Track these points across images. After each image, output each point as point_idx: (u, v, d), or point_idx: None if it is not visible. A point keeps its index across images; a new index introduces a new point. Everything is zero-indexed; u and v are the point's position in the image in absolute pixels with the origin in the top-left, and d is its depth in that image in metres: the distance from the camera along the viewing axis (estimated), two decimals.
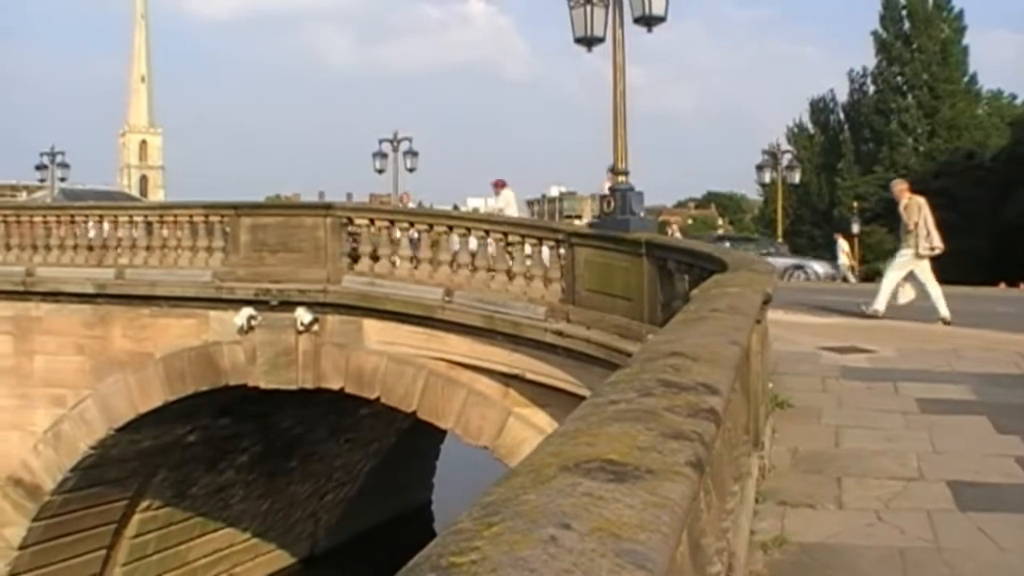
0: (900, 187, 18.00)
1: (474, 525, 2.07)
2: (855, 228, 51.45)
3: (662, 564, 1.96)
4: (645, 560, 1.91)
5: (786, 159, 42.40)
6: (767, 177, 42.76)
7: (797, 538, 5.94)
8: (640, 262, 12.92)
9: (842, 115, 66.83)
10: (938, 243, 16.87)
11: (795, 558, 5.69)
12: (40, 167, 48.66)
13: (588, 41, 14.79)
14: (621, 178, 14.62)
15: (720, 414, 3.34)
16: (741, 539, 5.31)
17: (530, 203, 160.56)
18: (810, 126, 68.32)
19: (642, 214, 15.43)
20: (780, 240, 40.83)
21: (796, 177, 42.65)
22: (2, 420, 18.40)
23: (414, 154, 41.37)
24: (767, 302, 7.93)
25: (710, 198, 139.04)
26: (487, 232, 15.44)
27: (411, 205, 25.87)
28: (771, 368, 10.01)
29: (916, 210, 17.19)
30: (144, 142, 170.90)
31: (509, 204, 24.23)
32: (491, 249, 15.46)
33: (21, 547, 18.07)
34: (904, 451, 7.98)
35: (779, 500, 6.68)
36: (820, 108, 67.99)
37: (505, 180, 24.87)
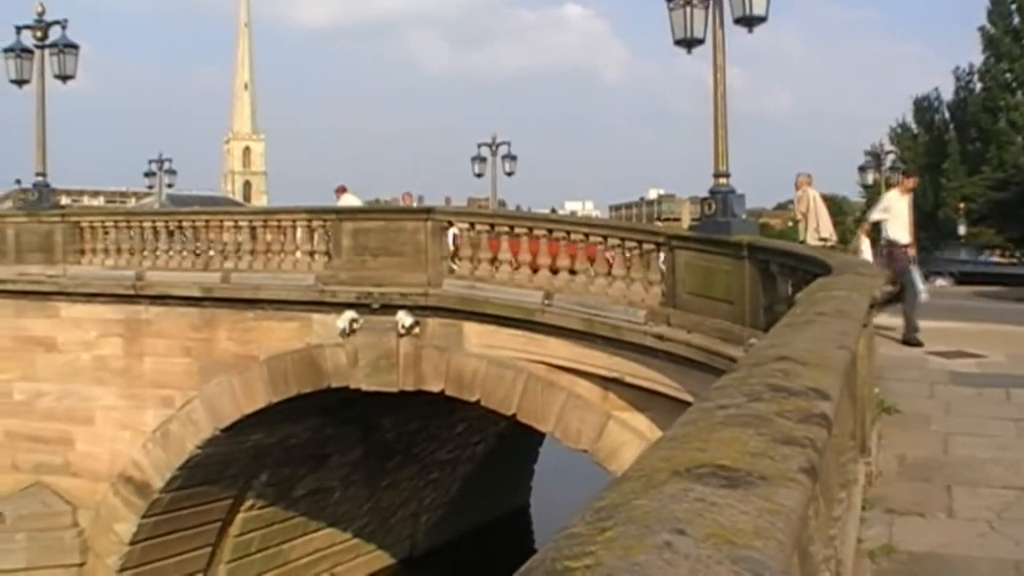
0: (800, 179, 19.04)
1: (587, 530, 2.07)
2: (961, 230, 50.21)
3: (779, 572, 1.93)
4: (762, 568, 1.88)
5: (889, 160, 41.61)
6: (870, 178, 42.01)
7: (906, 547, 5.82)
8: (742, 265, 12.79)
9: (947, 114, 65.16)
10: (826, 233, 17.66)
11: (904, 568, 5.58)
12: (148, 174, 49.85)
13: (688, 43, 14.66)
14: (722, 180, 14.48)
15: (831, 420, 3.29)
16: (848, 547, 5.22)
17: (628, 206, 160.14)
18: (914, 126, 66.77)
19: (743, 216, 15.27)
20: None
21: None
22: (114, 419, 18.87)
23: (512, 158, 41.47)
24: (874, 306, 7.80)
25: None
26: (587, 235, 15.41)
27: (348, 198, 26.57)
28: (877, 373, 9.83)
29: (805, 202, 18.37)
30: (247, 148, 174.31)
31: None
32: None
33: (132, 542, 18.52)
34: (1017, 460, 7.77)
35: (886, 508, 6.56)
36: (924, 107, 66.39)
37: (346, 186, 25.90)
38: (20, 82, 21.36)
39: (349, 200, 26.27)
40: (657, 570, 1.82)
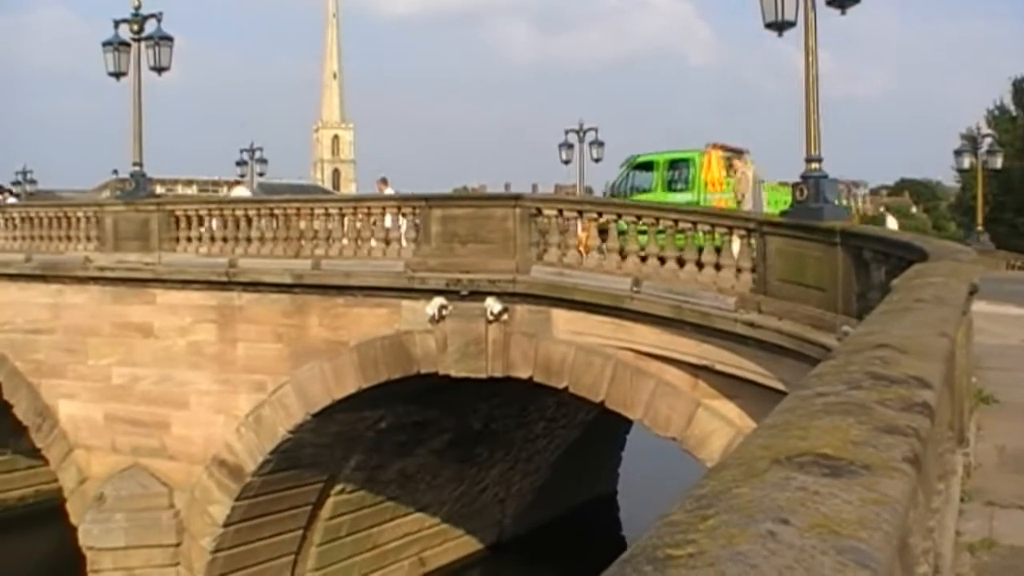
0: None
1: (687, 518, 2.06)
2: None
3: (886, 564, 1.90)
4: (868, 559, 1.85)
5: (986, 143, 40.55)
6: (966, 162, 40.98)
7: (1008, 541, 5.68)
8: (834, 251, 12.61)
9: None
10: (748, 206, 19.05)
11: (1006, 562, 5.44)
12: (240, 163, 50.56)
13: (779, 26, 14.45)
14: (814, 165, 14.27)
15: (934, 408, 3.22)
16: (947, 540, 5.12)
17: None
18: (1012, 108, 65.05)
19: (835, 202, 15.04)
20: (979, 229, 39.09)
21: (998, 162, 40.62)
22: (208, 404, 19.23)
23: (600, 144, 41.34)
24: (973, 292, 7.62)
25: (903, 185, 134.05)
26: (676, 221, 15.31)
27: (388, 190, 26.28)
28: (975, 362, 9.62)
29: (744, 182, 19.61)
30: (336, 137, 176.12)
31: None
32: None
33: (226, 524, 18.88)
34: None
35: (986, 500, 6.41)
36: (1023, 88, 64.65)
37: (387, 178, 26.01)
38: (118, 74, 21.83)
39: (241, 192, 27.53)
40: (761, 560, 1.80)
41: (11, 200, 34.09)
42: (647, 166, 25.12)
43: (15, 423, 22.43)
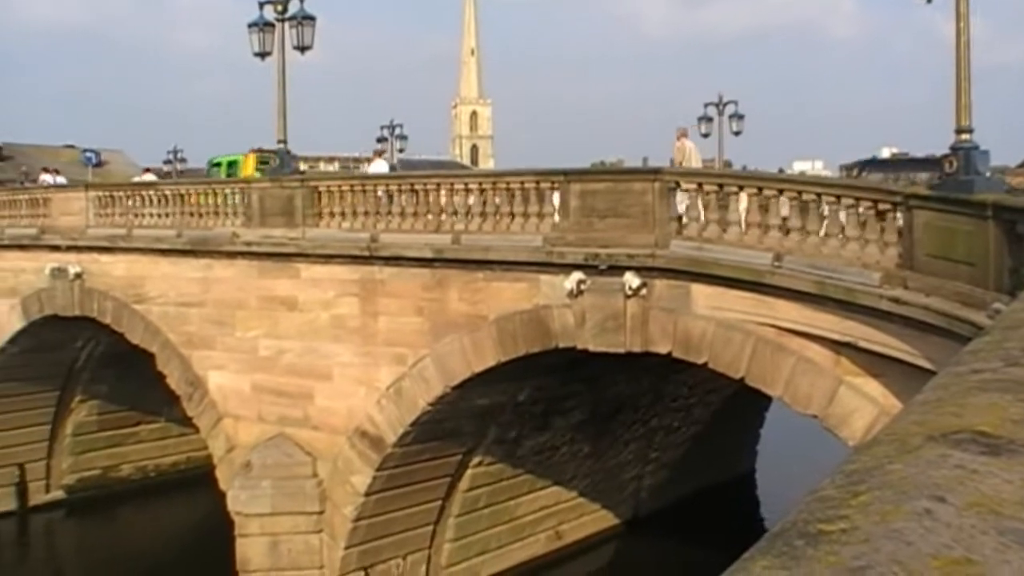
0: (678, 132, 21.27)
1: (839, 493, 2.02)
2: None
3: None
4: None
5: None
6: None
7: None
8: (985, 225, 12.16)
9: None
10: None
11: None
12: (380, 139, 51.31)
13: None
14: (964, 136, 13.78)
15: None
16: None
17: (862, 165, 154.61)
18: None
19: (987, 174, 14.50)
20: None
21: None
22: (350, 376, 19.62)
23: (740, 117, 40.77)
24: None
25: None
26: (819, 195, 14.98)
27: (380, 162, 28.29)
28: None
29: (682, 153, 20.42)
30: (475, 113, 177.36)
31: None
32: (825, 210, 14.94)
33: (367, 493, 19.27)
34: None
35: None
36: None
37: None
38: (263, 54, 22.34)
39: (380, 167, 28.18)
40: (917, 537, 1.76)
41: (149, 177, 35.32)
42: (218, 165, 36.30)
43: (168, 392, 23.28)
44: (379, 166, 28.53)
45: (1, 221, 27.75)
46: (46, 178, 36.97)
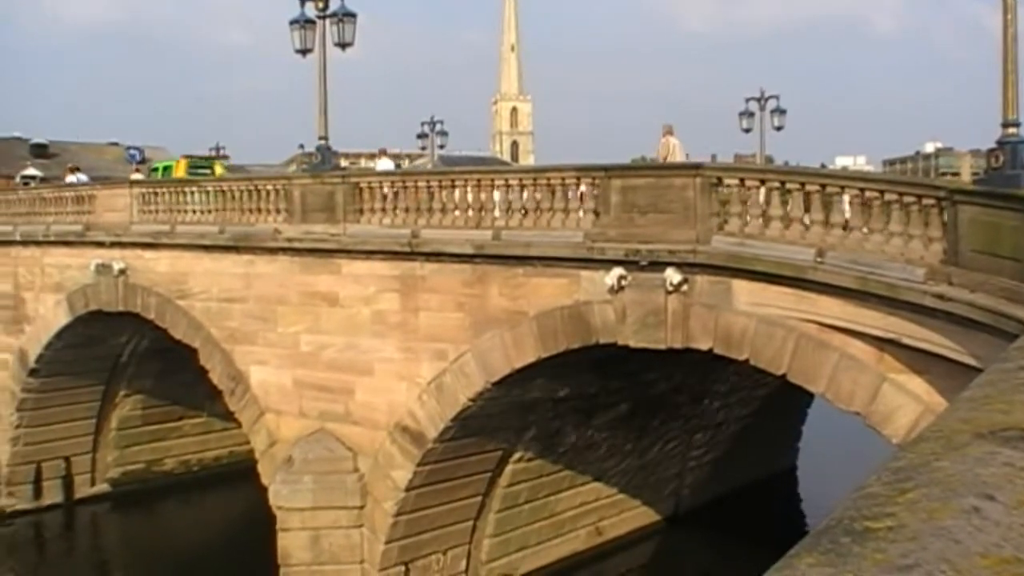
0: (664, 129, 21.64)
1: (885, 490, 2.01)
2: None
3: None
4: None
5: None
6: None
7: None
8: None
9: None
10: None
11: None
12: (421, 135, 51.51)
13: None
14: (1011, 130, 13.62)
15: None
16: None
17: (903, 160, 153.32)
18: None
19: None
20: None
21: None
22: (391, 371, 19.68)
23: (782, 112, 40.53)
24: None
25: None
26: (861, 190, 14.84)
27: (386, 160, 28.82)
28: None
29: (666, 149, 20.94)
30: (515, 109, 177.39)
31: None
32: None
33: (407, 488, 19.33)
34: None
35: None
36: None
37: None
38: (304, 51, 22.46)
39: (385, 165, 27.89)
40: (966, 536, 1.74)
41: (136, 176, 36.16)
42: (156, 170, 42.20)
43: (210, 387, 23.47)
44: (385, 164, 28.57)
45: (47, 218, 28.08)
46: (70, 178, 37.47)
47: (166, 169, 41.88)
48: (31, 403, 28.06)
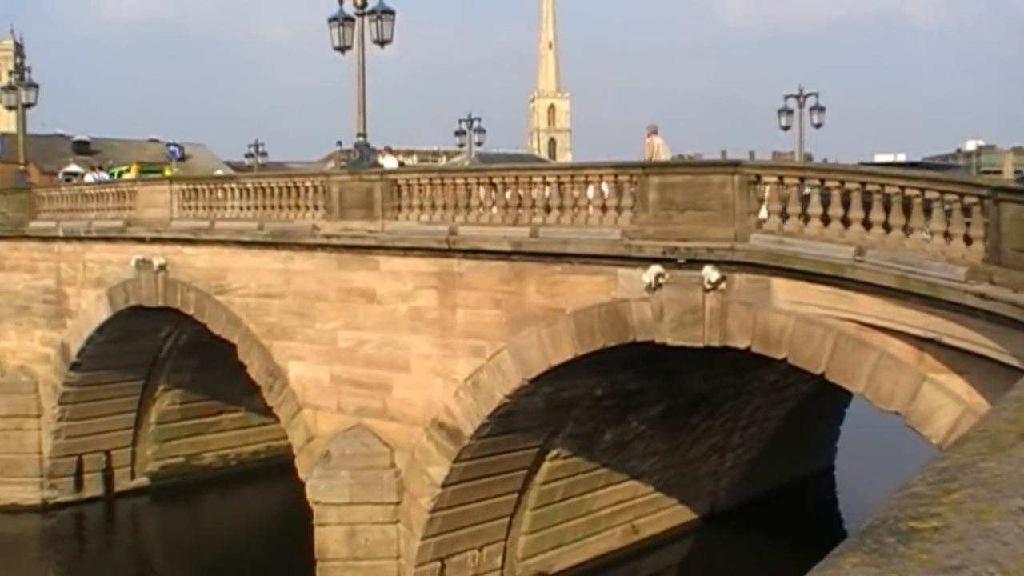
0: (648, 129, 22.11)
1: (930, 490, 1.99)
2: None
3: None
4: None
5: None
6: None
7: None
8: None
9: None
10: None
11: None
12: (459, 132, 51.62)
13: None
14: None
15: None
16: None
17: (943, 158, 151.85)
18: None
19: None
20: None
21: None
22: (428, 368, 19.73)
23: (821, 109, 40.30)
24: None
25: None
26: (902, 188, 14.71)
27: (390, 158, 28.73)
28: None
29: (651, 149, 21.35)
30: (552, 106, 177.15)
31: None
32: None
33: (444, 485, 19.37)
34: None
35: None
36: None
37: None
38: (343, 48, 22.56)
39: (389, 163, 27.91)
40: (1014, 537, 1.73)
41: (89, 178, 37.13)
42: (111, 174, 43.79)
43: (249, 382, 23.63)
44: (388, 162, 28.63)
45: (89, 214, 28.35)
46: (89, 177, 37.94)
47: (119, 174, 45.14)
48: (72, 397, 28.37)
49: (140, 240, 25.88)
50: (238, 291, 23.27)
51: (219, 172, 37.32)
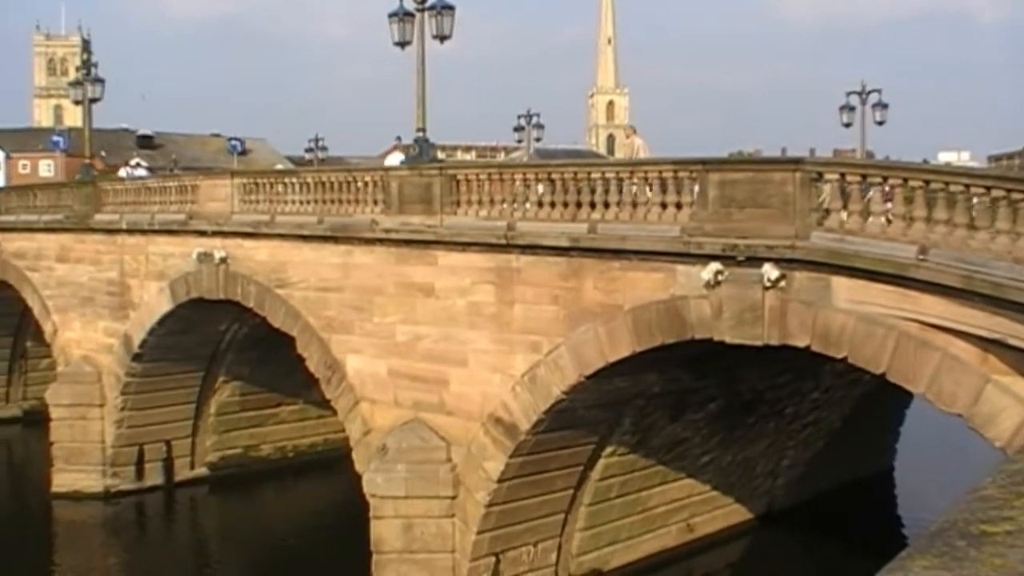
0: (626, 131, 23.12)
1: (1001, 493, 1.97)
2: None
3: None
4: None
5: None
6: None
7: None
8: None
9: None
10: None
11: None
12: (517, 128, 51.59)
13: None
14: None
15: None
16: None
17: (1010, 156, 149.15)
18: None
19: None
20: None
21: None
22: (485, 363, 19.75)
23: (883, 106, 39.83)
24: None
25: None
26: (967, 186, 14.47)
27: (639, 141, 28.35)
28: None
29: (630, 148, 22.74)
30: (611, 102, 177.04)
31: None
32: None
33: (499, 480, 19.39)
34: None
35: None
36: None
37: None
38: (403, 44, 22.65)
39: (395, 159, 28.07)
40: None
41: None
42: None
43: (307, 375, 23.81)
44: (395, 159, 28.64)
45: (152, 207, 28.73)
46: (122, 172, 38.48)
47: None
48: (135, 387, 28.80)
49: (202, 233, 26.16)
50: (298, 284, 23.45)
51: (279, 166, 37.64)
